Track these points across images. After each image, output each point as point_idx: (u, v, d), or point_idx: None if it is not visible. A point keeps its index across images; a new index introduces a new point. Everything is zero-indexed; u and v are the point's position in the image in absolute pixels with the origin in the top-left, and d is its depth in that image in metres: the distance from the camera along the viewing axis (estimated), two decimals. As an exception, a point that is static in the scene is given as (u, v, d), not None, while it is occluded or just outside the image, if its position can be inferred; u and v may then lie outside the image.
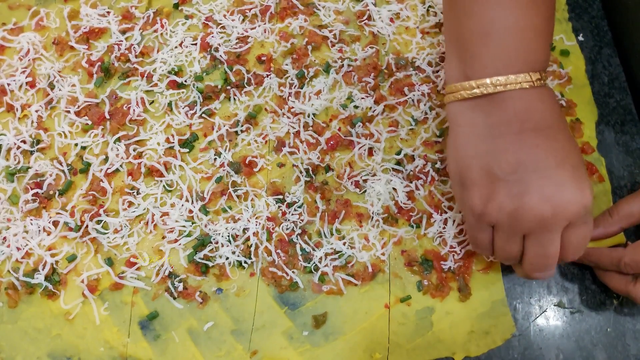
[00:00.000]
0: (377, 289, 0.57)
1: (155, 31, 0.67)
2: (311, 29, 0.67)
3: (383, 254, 0.57)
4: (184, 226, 0.58)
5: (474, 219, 0.49)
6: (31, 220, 0.59)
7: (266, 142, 0.62)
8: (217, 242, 0.58)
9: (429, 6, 0.69)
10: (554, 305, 0.57)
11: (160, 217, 0.59)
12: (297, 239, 0.58)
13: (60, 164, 0.61)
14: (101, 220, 0.59)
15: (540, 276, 0.50)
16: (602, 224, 0.54)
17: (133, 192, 0.60)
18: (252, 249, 0.57)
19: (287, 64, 0.66)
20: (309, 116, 0.63)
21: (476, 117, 0.49)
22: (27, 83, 0.65)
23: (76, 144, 0.62)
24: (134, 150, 0.62)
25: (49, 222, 0.59)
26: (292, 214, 0.59)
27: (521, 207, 0.45)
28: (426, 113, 0.63)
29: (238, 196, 0.60)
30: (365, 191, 0.60)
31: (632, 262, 0.50)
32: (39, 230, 0.58)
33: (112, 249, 0.58)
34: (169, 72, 0.65)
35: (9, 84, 0.65)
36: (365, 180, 0.60)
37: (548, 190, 0.45)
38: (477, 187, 0.48)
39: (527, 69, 0.47)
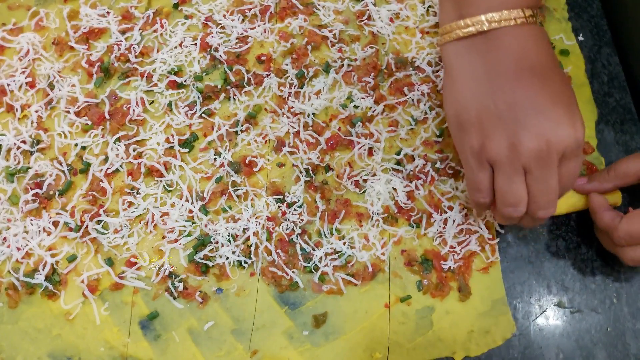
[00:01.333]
0: (377, 289, 0.57)
1: (155, 31, 0.67)
2: (311, 29, 0.67)
3: (383, 254, 0.57)
4: (184, 226, 0.58)
5: (473, 159, 0.50)
6: (31, 220, 0.59)
7: (266, 142, 0.62)
8: (217, 242, 0.58)
9: (429, 6, 0.69)
10: (554, 305, 0.57)
11: (160, 217, 0.59)
12: (297, 239, 0.58)
13: (60, 164, 0.61)
14: (101, 220, 0.59)
15: (544, 214, 0.50)
16: (598, 179, 0.56)
17: (133, 192, 0.60)
18: (252, 248, 0.57)
19: (286, 64, 0.66)
20: (308, 116, 0.63)
21: (473, 58, 0.50)
22: (27, 83, 0.65)
23: (76, 144, 0.62)
24: (133, 150, 0.62)
25: (49, 223, 0.59)
26: (292, 214, 0.59)
27: (518, 142, 0.46)
28: (426, 113, 0.63)
29: (238, 196, 0.60)
30: (365, 191, 0.60)
31: (625, 235, 0.51)
32: (39, 231, 0.58)
33: (112, 249, 0.58)
34: (169, 72, 0.65)
35: (8, 84, 0.65)
36: (365, 180, 0.60)
37: (543, 126, 0.46)
38: (475, 126, 0.49)
39: (520, 5, 0.49)
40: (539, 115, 0.46)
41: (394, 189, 0.60)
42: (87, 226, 0.58)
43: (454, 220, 0.58)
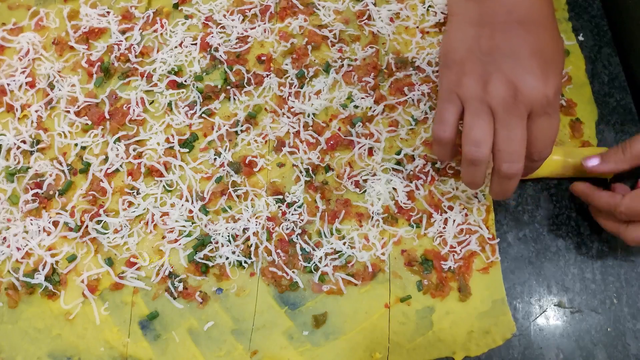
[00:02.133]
0: (377, 289, 0.57)
1: (155, 31, 0.67)
2: (311, 29, 0.67)
3: (383, 254, 0.57)
4: (184, 226, 0.58)
5: (446, 92, 0.52)
6: (31, 220, 0.59)
7: (266, 142, 0.62)
8: (217, 242, 0.58)
9: (429, 6, 0.69)
10: (554, 305, 0.57)
11: (160, 217, 0.59)
12: (297, 239, 0.58)
13: (60, 164, 0.61)
14: (101, 220, 0.59)
15: (507, 168, 0.50)
16: (613, 159, 0.55)
17: (133, 192, 0.60)
18: (252, 248, 0.57)
19: (287, 64, 0.66)
20: (309, 116, 0.63)
21: (469, 7, 0.53)
22: (27, 83, 0.65)
23: (76, 144, 0.62)
24: (133, 150, 0.62)
25: (49, 222, 0.59)
26: (292, 214, 0.59)
27: (489, 83, 0.49)
28: (426, 113, 0.63)
29: (238, 196, 0.60)
30: (365, 191, 0.60)
31: (627, 211, 0.52)
32: (39, 231, 0.58)
33: (112, 249, 0.58)
34: (169, 72, 0.65)
35: (8, 84, 0.65)
36: (365, 180, 0.60)
37: (514, 74, 0.48)
38: (457, 65, 0.52)
39: None
40: (514, 62, 0.48)
41: (394, 189, 0.60)
42: (87, 226, 0.58)
43: (454, 220, 0.58)
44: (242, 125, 0.63)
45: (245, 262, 0.57)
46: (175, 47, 0.67)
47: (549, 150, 0.51)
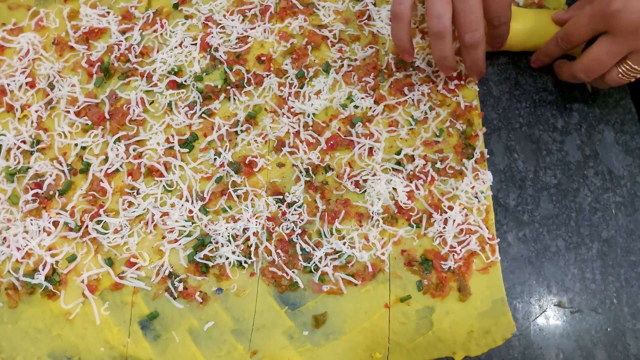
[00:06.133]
0: (377, 289, 0.57)
1: (155, 31, 0.67)
2: (311, 29, 0.67)
3: (383, 254, 0.57)
4: (184, 226, 0.58)
5: None
6: (31, 220, 0.59)
7: (266, 142, 0.62)
8: (217, 242, 0.58)
9: (429, 6, 0.69)
10: (554, 305, 0.57)
11: (160, 217, 0.59)
12: (297, 239, 0.58)
13: (60, 164, 0.61)
14: (101, 220, 0.59)
15: (470, 38, 0.56)
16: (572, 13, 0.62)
17: (133, 192, 0.60)
18: (252, 248, 0.57)
19: (287, 64, 0.66)
20: (308, 116, 0.63)
21: None
22: (27, 83, 0.65)
23: (76, 144, 0.62)
24: (133, 150, 0.62)
25: (49, 222, 0.59)
26: (292, 214, 0.59)
27: None
28: (426, 113, 0.63)
29: (238, 196, 0.60)
30: (365, 191, 0.60)
31: (584, 69, 0.58)
32: (39, 231, 0.58)
33: (112, 249, 0.58)
34: (169, 72, 0.65)
35: (8, 84, 0.65)
36: (365, 180, 0.60)
37: None
38: None
39: None
40: None
41: (394, 189, 0.60)
42: (87, 226, 0.58)
43: (454, 220, 0.58)
44: (242, 125, 0.63)
45: (245, 262, 0.57)
46: (175, 47, 0.67)
47: (507, 15, 0.57)
